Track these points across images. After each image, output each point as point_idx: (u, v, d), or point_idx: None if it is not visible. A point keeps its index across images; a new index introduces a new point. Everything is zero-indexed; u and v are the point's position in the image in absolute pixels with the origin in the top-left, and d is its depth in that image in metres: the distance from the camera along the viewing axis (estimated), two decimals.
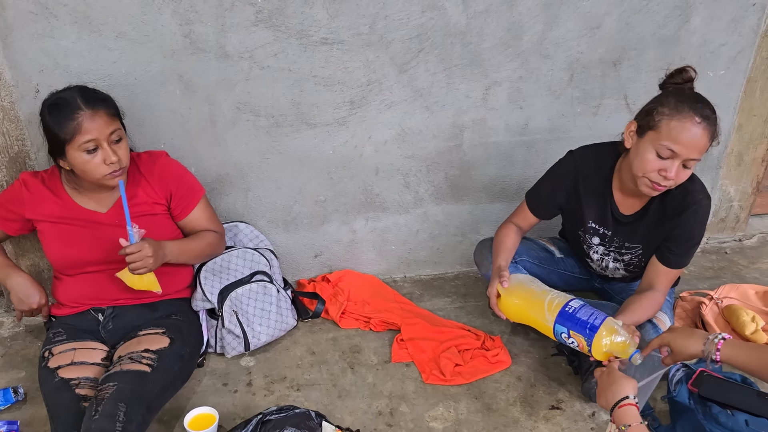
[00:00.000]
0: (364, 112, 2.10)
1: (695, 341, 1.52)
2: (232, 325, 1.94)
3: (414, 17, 1.97)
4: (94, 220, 1.75)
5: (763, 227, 2.80)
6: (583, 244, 1.99)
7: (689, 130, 1.57)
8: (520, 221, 2.02)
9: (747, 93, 2.39)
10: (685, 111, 1.58)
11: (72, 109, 1.58)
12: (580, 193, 1.89)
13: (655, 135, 1.62)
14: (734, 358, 1.46)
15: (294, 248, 2.31)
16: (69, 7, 1.75)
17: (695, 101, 1.61)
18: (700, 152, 1.61)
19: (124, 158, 1.65)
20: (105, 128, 1.61)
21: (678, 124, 1.58)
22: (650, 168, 1.64)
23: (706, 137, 1.59)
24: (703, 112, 1.59)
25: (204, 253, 1.90)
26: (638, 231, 1.85)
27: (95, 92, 1.66)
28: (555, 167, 1.95)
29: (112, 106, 1.66)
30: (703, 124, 1.58)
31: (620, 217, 1.86)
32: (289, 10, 1.88)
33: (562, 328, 1.66)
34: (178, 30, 1.85)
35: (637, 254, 1.89)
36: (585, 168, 1.87)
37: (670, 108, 1.60)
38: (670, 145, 1.59)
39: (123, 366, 1.61)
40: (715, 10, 2.18)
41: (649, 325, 1.83)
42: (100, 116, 1.60)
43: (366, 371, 1.96)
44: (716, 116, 1.62)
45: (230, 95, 1.98)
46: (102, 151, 1.61)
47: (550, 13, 2.06)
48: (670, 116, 1.60)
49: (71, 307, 1.82)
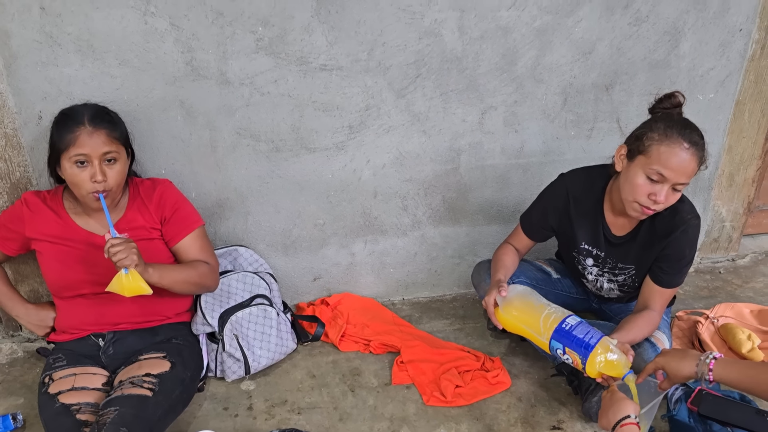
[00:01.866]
0: (363, 137, 2.13)
1: (688, 362, 1.54)
2: (233, 349, 1.94)
3: (411, 44, 2.02)
4: (92, 242, 1.76)
5: (756, 247, 2.84)
6: (578, 265, 2.01)
7: (678, 155, 1.61)
8: (516, 243, 2.06)
9: (736, 115, 2.44)
10: (674, 136, 1.62)
11: (75, 123, 1.63)
12: (571, 216, 1.92)
13: (645, 159, 1.65)
14: (727, 376, 1.48)
15: (293, 272, 2.32)
16: (73, 36, 1.78)
17: (684, 127, 1.65)
18: (689, 176, 1.64)
19: (112, 181, 1.66)
20: (100, 147, 1.63)
21: (667, 149, 1.62)
22: (640, 192, 1.67)
23: (694, 162, 1.63)
24: (692, 137, 1.63)
25: (192, 280, 1.79)
26: (630, 252, 1.88)
27: (107, 113, 1.70)
28: (546, 190, 1.98)
29: (117, 130, 1.69)
30: (692, 149, 1.62)
31: (612, 239, 1.89)
32: (289, 37, 1.92)
33: (557, 345, 1.67)
34: (180, 57, 1.88)
35: (631, 275, 1.92)
36: (576, 190, 1.90)
37: (660, 133, 1.64)
38: (660, 170, 1.62)
39: (124, 390, 1.61)
40: (703, 35, 2.24)
41: (647, 344, 1.84)
42: (99, 135, 1.64)
43: (367, 394, 1.96)
44: (704, 141, 1.66)
45: (231, 121, 2.01)
46: (91, 168, 1.63)
47: (544, 39, 2.11)
48: (659, 141, 1.63)
49: (71, 333, 1.82)
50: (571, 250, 2.00)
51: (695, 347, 2.15)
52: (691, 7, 2.17)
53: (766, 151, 2.56)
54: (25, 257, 1.97)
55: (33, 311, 1.91)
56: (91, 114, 1.66)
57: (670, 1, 2.15)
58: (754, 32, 2.28)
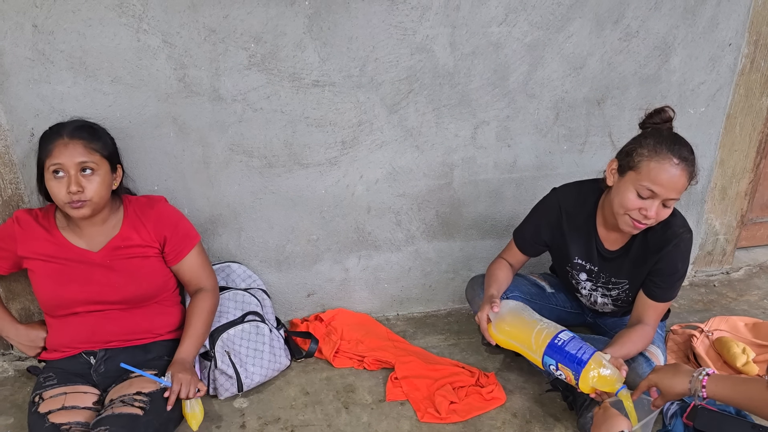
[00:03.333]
0: (356, 152, 2.13)
1: (681, 379, 1.54)
2: (225, 366, 1.93)
3: (403, 59, 2.03)
4: (85, 260, 1.75)
5: (750, 260, 2.84)
6: (572, 280, 2.01)
7: (668, 171, 1.62)
8: (509, 258, 2.06)
9: (727, 129, 2.45)
10: (663, 152, 1.63)
11: (56, 135, 1.67)
12: (564, 230, 1.92)
13: (635, 175, 1.66)
14: (720, 392, 1.48)
15: (287, 288, 2.31)
16: (65, 53, 1.79)
17: (673, 142, 1.65)
18: (679, 192, 1.65)
19: (90, 192, 1.65)
20: (75, 157, 1.64)
21: (657, 165, 1.62)
22: (631, 207, 1.68)
23: (684, 177, 1.64)
24: (681, 153, 1.63)
25: (210, 322, 1.90)
26: (623, 266, 1.88)
27: (89, 126, 1.72)
28: (539, 205, 1.99)
29: (97, 142, 1.69)
30: (682, 165, 1.62)
31: (605, 253, 1.89)
32: (281, 54, 1.93)
33: (550, 360, 1.67)
34: (173, 74, 1.88)
35: (624, 289, 1.92)
36: (568, 205, 1.91)
37: (649, 149, 1.65)
38: (650, 186, 1.63)
39: (115, 409, 1.59)
40: (693, 50, 2.25)
41: (642, 358, 1.84)
42: (74, 145, 1.65)
43: (361, 411, 1.95)
44: (694, 157, 1.67)
45: (223, 137, 2.01)
46: (67, 178, 1.64)
47: (535, 54, 2.12)
48: (649, 158, 1.64)
49: (62, 351, 1.80)
50: (564, 264, 2.00)
51: (690, 361, 2.14)
52: (681, 22, 2.19)
53: (757, 164, 2.57)
54: (16, 275, 1.96)
55: (23, 331, 1.89)
56: (72, 127, 1.68)
57: (659, 17, 2.17)
58: (743, 46, 2.31)
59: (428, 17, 1.98)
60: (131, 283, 1.78)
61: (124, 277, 1.77)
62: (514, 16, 2.05)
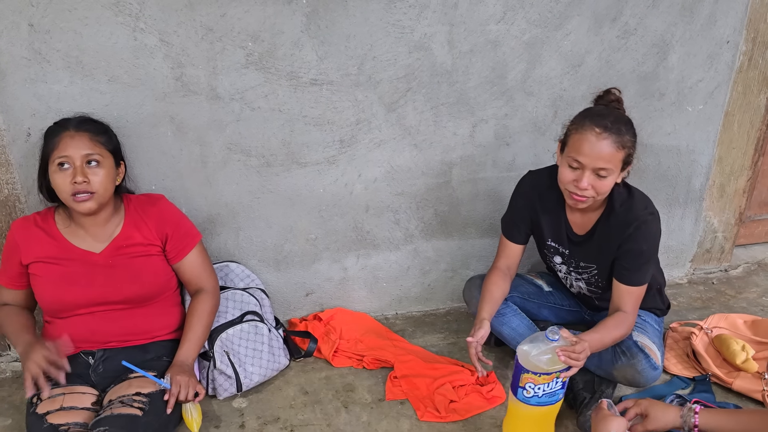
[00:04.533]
0: (354, 151, 2.13)
1: (673, 410, 1.57)
2: (224, 366, 1.92)
3: (401, 58, 2.02)
4: (88, 260, 1.75)
5: (748, 257, 2.84)
6: (550, 263, 2.04)
7: (588, 140, 1.67)
8: (504, 260, 2.03)
9: (725, 126, 2.45)
10: (585, 124, 1.70)
11: (61, 128, 1.68)
12: (537, 211, 1.95)
13: (567, 150, 1.74)
14: (714, 425, 1.50)
15: (285, 287, 2.30)
16: (62, 53, 1.78)
17: (597, 115, 1.71)
18: (607, 161, 1.68)
19: (96, 184, 1.66)
20: (81, 149, 1.65)
21: (579, 136, 1.70)
22: (566, 180, 1.74)
23: (609, 146, 1.67)
24: (603, 123, 1.68)
25: (210, 324, 1.91)
26: (590, 250, 1.90)
27: (94, 120, 1.73)
28: (516, 188, 2.03)
29: (103, 135, 1.71)
30: (604, 134, 1.67)
31: (574, 237, 1.92)
32: (279, 52, 1.93)
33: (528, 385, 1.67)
34: (170, 73, 1.88)
35: (593, 274, 1.93)
36: (541, 186, 1.95)
37: (575, 123, 1.74)
38: (576, 156, 1.70)
39: (114, 410, 1.59)
40: (691, 47, 2.25)
41: (642, 355, 1.84)
42: (80, 137, 1.66)
43: (360, 410, 1.94)
44: (625, 127, 1.70)
45: (221, 136, 2.00)
46: (72, 170, 1.64)
47: (533, 52, 2.12)
48: (574, 130, 1.72)
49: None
50: (542, 248, 2.03)
51: (690, 358, 2.14)
52: (679, 19, 2.19)
53: (755, 161, 2.57)
54: None
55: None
56: (77, 120, 1.70)
57: (657, 14, 2.17)
58: (741, 44, 2.30)
59: (426, 15, 1.98)
60: (134, 283, 1.77)
61: (127, 276, 1.76)
62: (512, 14, 2.04)
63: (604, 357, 1.90)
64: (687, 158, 2.45)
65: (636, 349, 1.86)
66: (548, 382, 1.64)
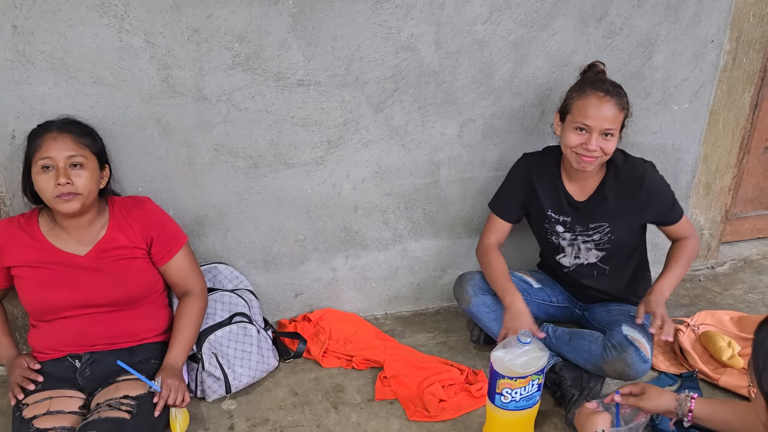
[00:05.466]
0: (342, 151, 2.13)
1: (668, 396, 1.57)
2: (213, 368, 1.92)
3: (388, 58, 2.02)
4: (72, 263, 1.74)
5: (734, 254, 2.87)
6: (551, 238, 2.06)
7: (594, 104, 1.82)
8: (495, 235, 2.12)
9: (710, 125, 2.47)
10: (587, 90, 1.84)
11: (45, 130, 1.67)
12: (534, 186, 2.03)
13: (570, 117, 1.86)
14: (707, 412, 1.50)
15: (274, 288, 2.30)
16: (46, 54, 1.77)
17: (595, 81, 1.87)
18: (612, 121, 1.83)
19: (80, 186, 1.65)
20: (65, 150, 1.64)
21: (584, 102, 1.83)
22: (573, 143, 1.86)
23: (612, 107, 1.82)
24: (603, 87, 1.84)
25: (198, 326, 1.90)
26: (601, 210, 1.97)
27: (78, 122, 1.73)
28: (511, 169, 2.11)
29: (87, 137, 1.70)
30: (606, 97, 1.82)
31: (575, 204, 2.00)
32: (265, 53, 1.92)
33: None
34: (156, 74, 1.87)
35: (606, 231, 1.99)
36: (535, 163, 2.06)
37: (576, 92, 1.87)
38: (583, 121, 1.82)
39: (101, 413, 1.58)
40: (676, 47, 2.27)
41: (632, 348, 1.85)
42: (64, 139, 1.65)
43: (350, 410, 1.94)
44: (620, 89, 1.86)
45: (208, 137, 1.99)
46: (56, 172, 1.63)
47: (520, 52, 2.13)
48: (577, 97, 1.86)
49: (47, 353, 1.78)
50: (542, 223, 2.06)
51: (677, 355, 2.15)
52: (664, 19, 2.21)
53: (740, 159, 2.60)
54: None
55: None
56: (61, 122, 1.69)
57: (642, 14, 2.18)
58: (726, 43, 2.32)
59: (413, 16, 1.98)
60: (119, 285, 1.76)
61: (112, 279, 1.76)
62: (499, 14, 2.05)
63: (593, 352, 1.93)
64: (673, 157, 2.47)
65: (626, 343, 1.87)
66: (525, 386, 1.66)
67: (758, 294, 2.59)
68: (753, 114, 2.52)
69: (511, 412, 1.70)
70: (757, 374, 1.06)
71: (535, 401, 1.72)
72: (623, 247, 2.03)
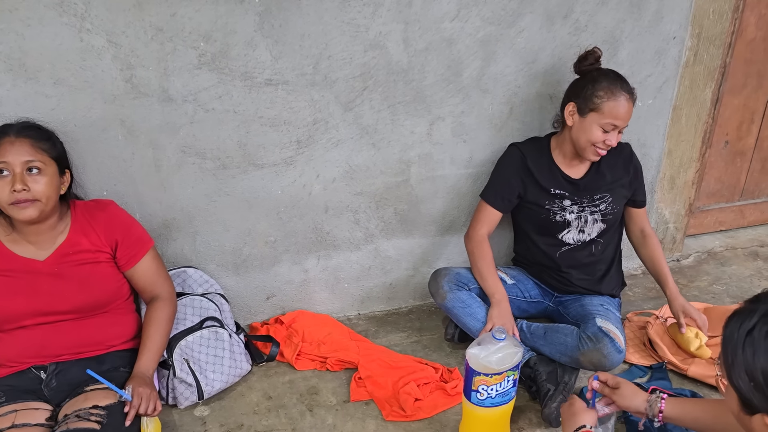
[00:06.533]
0: (312, 151, 2.11)
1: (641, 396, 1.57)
2: (184, 374, 1.88)
3: (357, 57, 2.01)
4: (31, 269, 1.68)
5: (698, 247, 2.93)
6: (557, 216, 2.10)
7: (623, 106, 1.93)
8: (486, 226, 2.14)
9: (674, 120, 2.52)
10: (617, 90, 1.92)
11: (2, 134, 1.62)
12: (530, 169, 2.10)
13: (598, 116, 1.94)
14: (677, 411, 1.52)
15: (245, 291, 2.27)
16: (3, 55, 1.71)
17: (621, 81, 1.95)
18: (629, 120, 1.97)
19: (37, 191, 1.60)
20: (21, 155, 1.59)
21: (615, 104, 1.92)
22: (597, 140, 1.96)
23: (632, 106, 1.97)
24: (628, 88, 1.95)
25: (168, 331, 1.86)
26: (599, 183, 2.09)
27: (38, 127, 1.67)
28: (502, 158, 2.16)
29: (45, 141, 1.65)
30: (631, 98, 1.95)
31: (573, 181, 2.08)
32: (232, 52, 1.89)
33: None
34: (119, 75, 1.82)
35: (609, 201, 2.10)
36: (527, 149, 2.12)
37: (606, 91, 1.93)
38: (613, 122, 1.93)
39: (70, 425, 1.53)
40: (639, 43, 2.31)
41: (607, 339, 1.89)
42: (21, 143, 1.60)
43: (325, 413, 1.93)
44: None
45: (175, 139, 1.95)
46: (11, 177, 1.58)
47: (488, 49, 2.13)
48: (608, 98, 1.92)
49: (10, 367, 1.72)
50: (543, 204, 2.10)
51: (646, 347, 2.19)
52: (627, 16, 2.24)
53: (703, 153, 2.65)
54: None
55: None
56: (19, 126, 1.64)
57: (607, 11, 2.21)
58: (687, 39, 2.37)
59: (381, 14, 1.97)
60: (82, 291, 1.71)
61: (74, 284, 1.70)
62: (466, 12, 2.05)
63: (569, 344, 1.96)
64: (639, 152, 2.49)
65: (601, 334, 1.90)
66: (500, 382, 1.67)
67: (722, 285, 2.65)
68: (714, 109, 2.58)
69: (487, 408, 1.70)
70: (727, 368, 1.08)
71: (511, 397, 1.73)
72: (617, 221, 2.17)
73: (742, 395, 1.06)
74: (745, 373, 1.04)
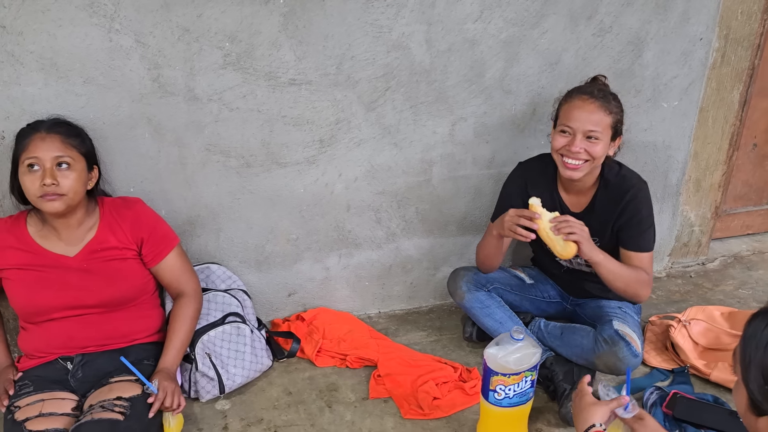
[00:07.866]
0: (334, 150, 2.13)
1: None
2: (206, 368, 1.91)
3: (380, 57, 2.02)
4: (61, 264, 1.73)
5: (725, 250, 2.89)
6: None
7: (577, 107, 1.84)
8: None
9: (700, 122, 2.49)
10: (573, 94, 1.88)
11: (33, 130, 1.66)
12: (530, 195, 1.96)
13: (558, 121, 1.90)
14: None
15: (267, 288, 2.30)
16: (36, 54, 1.76)
17: (584, 87, 1.91)
18: (596, 124, 1.82)
19: (65, 186, 1.64)
20: (52, 151, 1.63)
21: (568, 105, 1.87)
22: (558, 145, 1.87)
23: (598, 111, 1.83)
24: (589, 90, 1.87)
25: (193, 329, 1.90)
26: (593, 224, 1.93)
27: (68, 123, 1.72)
28: (505, 183, 2.13)
29: (75, 137, 1.69)
30: (590, 99, 1.83)
31: (571, 215, 1.94)
32: (257, 53, 1.92)
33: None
34: (147, 74, 1.86)
35: (598, 244, 1.95)
36: (530, 172, 2.07)
37: (565, 96, 1.91)
38: (567, 123, 1.85)
39: (94, 415, 1.57)
40: (665, 44, 2.28)
41: (623, 342, 1.88)
42: (52, 139, 1.64)
43: (344, 409, 1.95)
44: (608, 95, 1.87)
45: (200, 137, 1.99)
46: (42, 172, 1.62)
47: (511, 50, 2.13)
48: (564, 102, 1.90)
49: (38, 357, 1.77)
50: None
51: (668, 350, 2.17)
52: (653, 17, 2.22)
53: (730, 156, 2.61)
54: None
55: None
56: (50, 123, 1.68)
57: (632, 12, 2.19)
58: (714, 41, 2.34)
59: (404, 14, 1.98)
60: (109, 286, 1.76)
61: (102, 280, 1.75)
62: (489, 13, 2.06)
63: (585, 346, 1.95)
64: (663, 154, 2.48)
65: (617, 337, 1.89)
66: (518, 382, 1.67)
67: (748, 289, 2.61)
68: (742, 111, 2.54)
69: (505, 408, 1.71)
70: (743, 366, 1.07)
71: (529, 397, 1.73)
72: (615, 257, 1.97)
73: (753, 396, 1.05)
74: (761, 375, 1.03)
